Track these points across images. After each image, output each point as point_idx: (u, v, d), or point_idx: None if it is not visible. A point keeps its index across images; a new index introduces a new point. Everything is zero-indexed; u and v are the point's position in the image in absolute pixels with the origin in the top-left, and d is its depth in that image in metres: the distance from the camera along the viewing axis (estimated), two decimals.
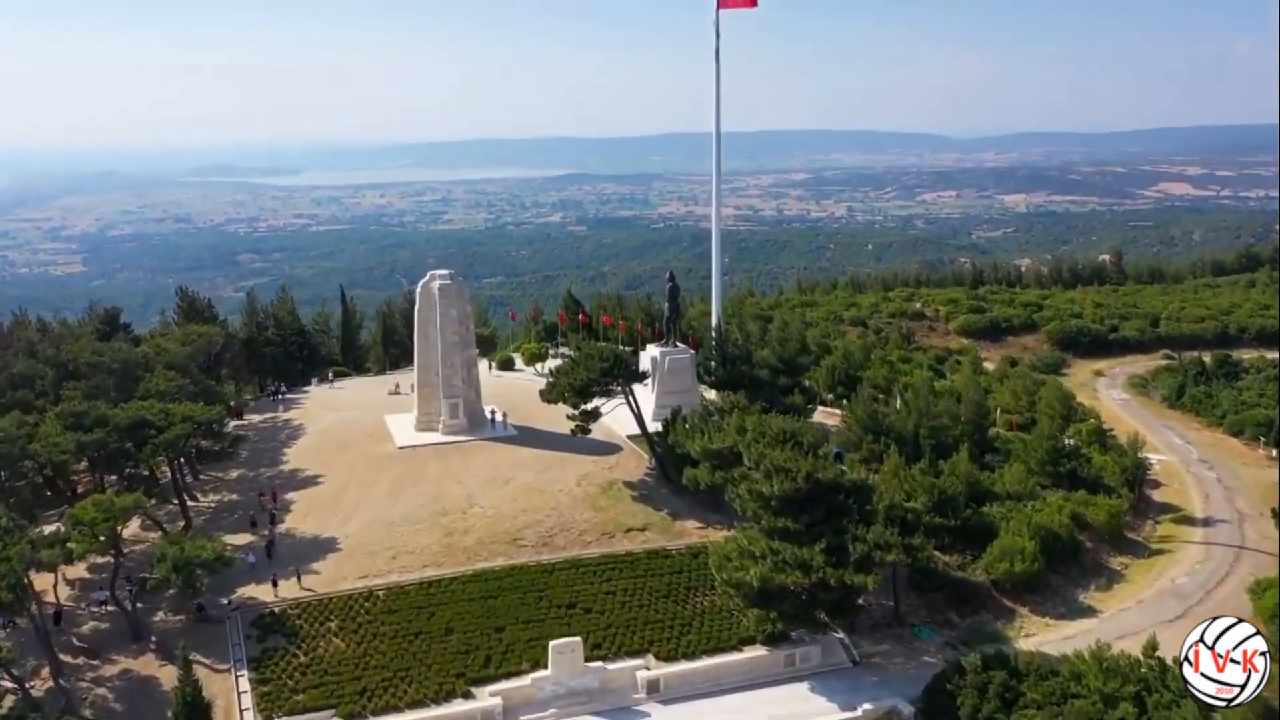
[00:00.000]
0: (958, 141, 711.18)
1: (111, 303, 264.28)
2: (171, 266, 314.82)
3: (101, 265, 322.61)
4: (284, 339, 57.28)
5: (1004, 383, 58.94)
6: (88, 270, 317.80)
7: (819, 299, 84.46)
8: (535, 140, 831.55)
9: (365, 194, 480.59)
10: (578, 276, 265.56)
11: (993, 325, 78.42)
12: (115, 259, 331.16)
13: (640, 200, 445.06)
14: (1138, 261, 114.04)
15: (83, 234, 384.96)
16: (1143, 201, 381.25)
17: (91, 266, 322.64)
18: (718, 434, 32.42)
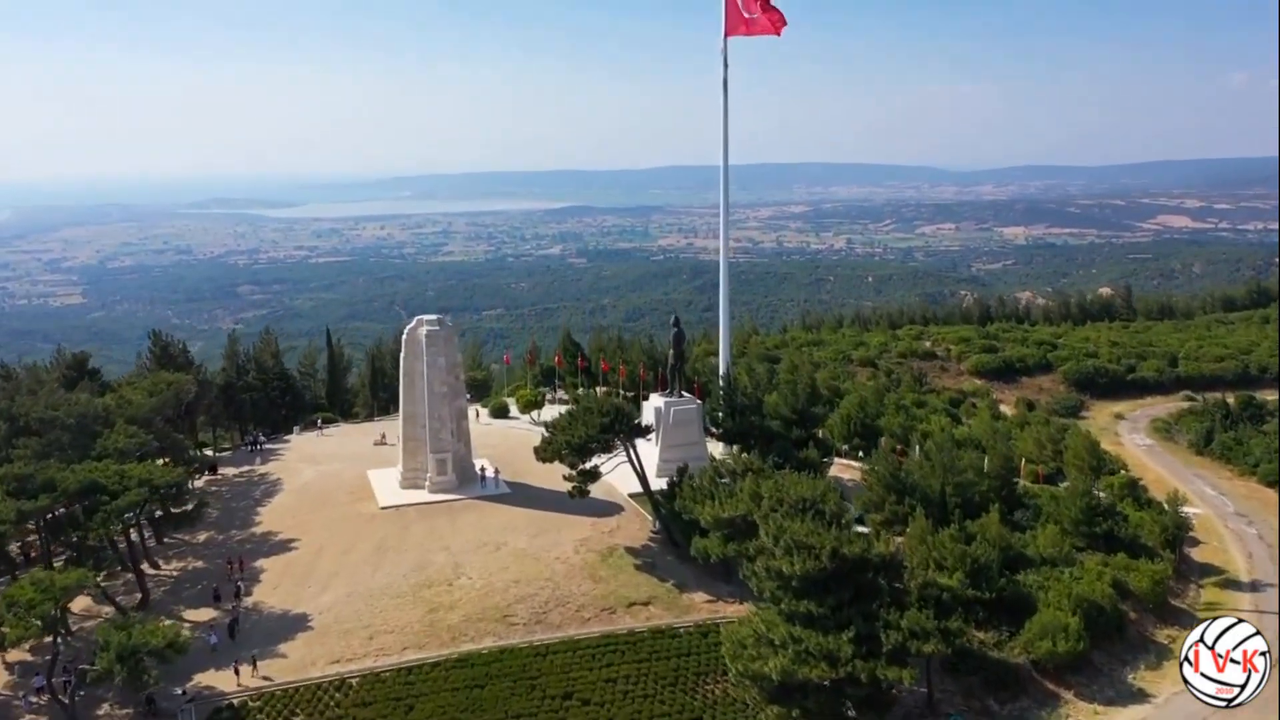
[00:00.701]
0: (956, 174, 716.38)
1: (110, 334, 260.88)
2: (171, 298, 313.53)
3: (101, 297, 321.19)
4: (265, 384, 53.74)
5: (1025, 429, 55.95)
6: (87, 302, 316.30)
7: (825, 337, 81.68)
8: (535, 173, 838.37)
9: (366, 226, 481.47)
10: (577, 309, 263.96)
11: (1006, 365, 75.98)
12: (115, 290, 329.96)
13: (640, 232, 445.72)
14: (1147, 297, 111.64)
15: (83, 265, 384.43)
16: (1142, 234, 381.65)
17: (91, 298, 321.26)
18: (729, 500, 29.38)
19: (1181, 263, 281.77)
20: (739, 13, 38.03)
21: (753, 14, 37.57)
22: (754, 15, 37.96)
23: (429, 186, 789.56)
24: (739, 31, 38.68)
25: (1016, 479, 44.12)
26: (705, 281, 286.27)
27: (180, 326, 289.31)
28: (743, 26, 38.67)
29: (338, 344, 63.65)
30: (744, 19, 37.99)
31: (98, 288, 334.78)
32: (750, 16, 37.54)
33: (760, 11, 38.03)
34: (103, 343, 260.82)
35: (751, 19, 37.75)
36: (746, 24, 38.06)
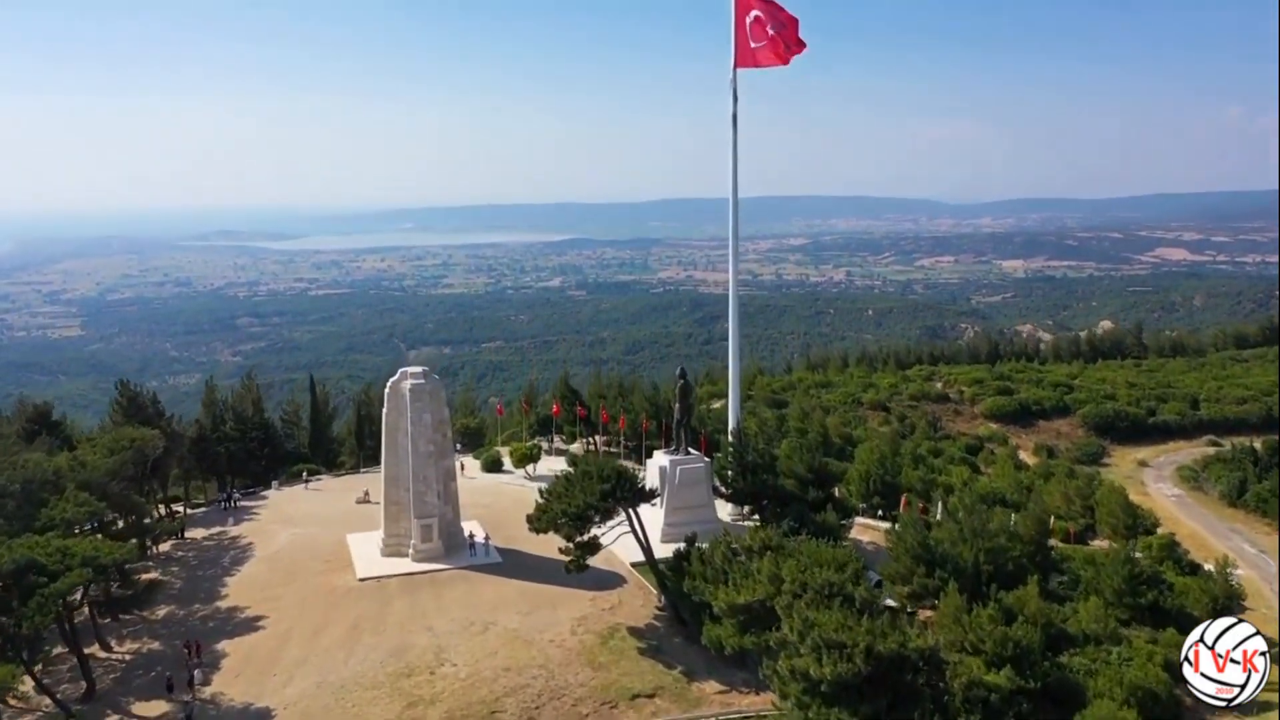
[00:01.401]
0: (954, 207, 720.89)
1: (108, 367, 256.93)
2: (170, 330, 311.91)
3: (100, 329, 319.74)
4: (244, 434, 50.51)
5: (1050, 481, 52.84)
6: (85, 334, 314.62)
7: (833, 378, 78.81)
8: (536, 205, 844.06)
9: (366, 258, 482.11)
10: (577, 342, 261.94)
11: (1023, 408, 73.40)
12: (114, 323, 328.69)
13: (640, 265, 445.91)
14: (1158, 333, 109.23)
15: (82, 297, 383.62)
16: (1140, 267, 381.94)
17: (90, 330, 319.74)
18: (745, 581, 26.20)
19: (1182, 295, 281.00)
20: (748, 44, 35.50)
21: (760, 42, 34.84)
22: (760, 44, 35.21)
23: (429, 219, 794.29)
24: (748, 64, 36.07)
25: (1050, 541, 40.84)
26: (705, 314, 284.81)
27: (178, 359, 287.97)
28: (751, 58, 36.10)
29: (323, 390, 60.25)
30: (752, 50, 35.46)
31: (97, 320, 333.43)
32: (757, 46, 34.90)
33: (765, 40, 35.33)
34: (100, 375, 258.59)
35: (759, 48, 35.15)
36: (755, 55, 35.57)
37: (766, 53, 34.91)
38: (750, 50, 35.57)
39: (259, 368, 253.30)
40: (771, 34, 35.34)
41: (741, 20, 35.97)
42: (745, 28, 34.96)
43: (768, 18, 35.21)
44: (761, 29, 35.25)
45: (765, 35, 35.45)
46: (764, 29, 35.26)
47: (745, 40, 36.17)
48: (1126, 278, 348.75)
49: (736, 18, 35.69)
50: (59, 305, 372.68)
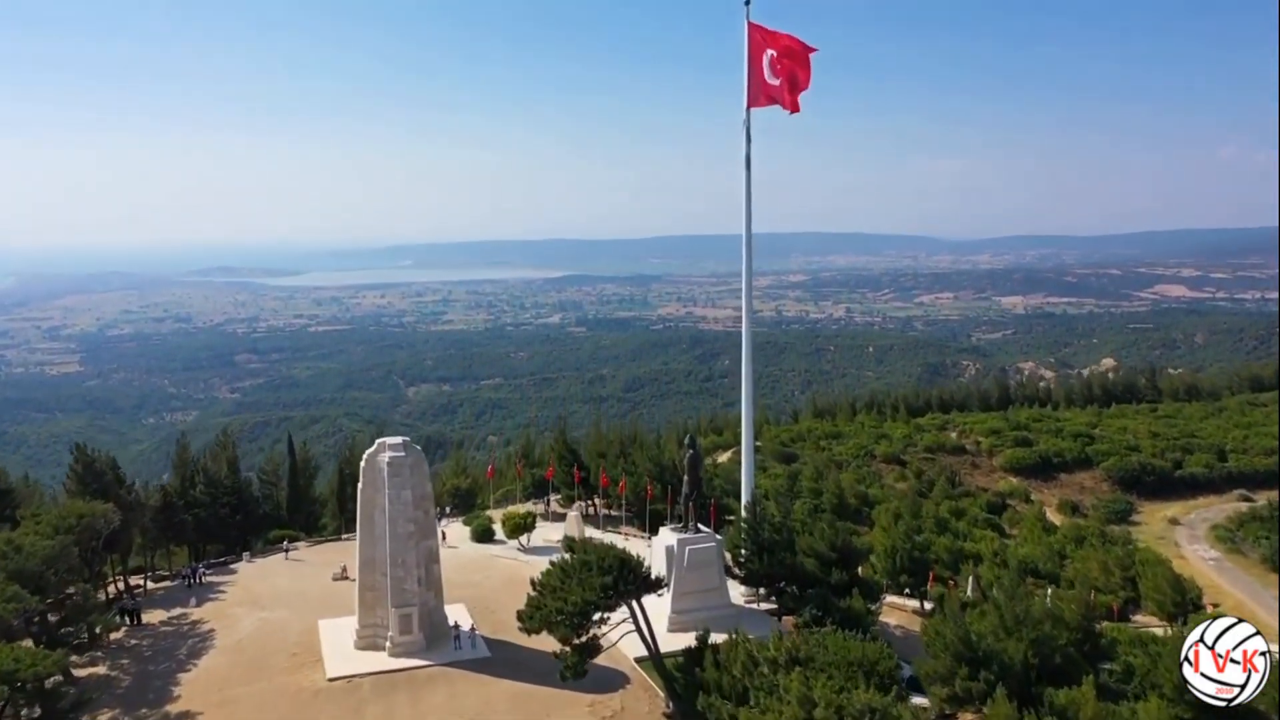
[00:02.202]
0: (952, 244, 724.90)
1: (105, 403, 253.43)
2: (168, 367, 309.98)
3: (98, 365, 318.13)
4: (215, 498, 46.64)
5: (1083, 546, 49.16)
6: (84, 370, 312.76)
7: (843, 428, 75.55)
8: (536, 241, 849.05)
9: (366, 294, 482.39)
10: (576, 379, 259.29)
11: (1043, 461, 70.11)
12: (113, 359, 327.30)
13: (640, 301, 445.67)
14: (1172, 377, 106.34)
15: (81, 333, 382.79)
16: (1139, 303, 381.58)
17: (88, 366, 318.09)
18: (770, 702, 22.65)
19: (1183, 333, 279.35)
20: (763, 81, 32.60)
21: (777, 80, 32.00)
22: (778, 82, 32.39)
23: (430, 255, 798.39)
24: (761, 103, 33.10)
25: (1097, 625, 37.08)
26: (705, 351, 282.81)
27: (176, 396, 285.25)
28: (763, 97, 33.03)
29: (303, 449, 56.63)
30: (768, 88, 32.55)
31: (95, 356, 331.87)
32: (774, 83, 32.08)
33: (784, 78, 32.31)
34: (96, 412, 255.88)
35: (776, 86, 32.32)
36: (771, 92, 32.63)
37: (783, 92, 32.38)
38: (769, 87, 32.67)
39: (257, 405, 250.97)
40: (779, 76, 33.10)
41: (757, 56, 33.27)
42: (761, 64, 32.25)
43: (786, 57, 32.51)
44: (780, 65, 32.53)
45: (783, 70, 32.76)
46: (783, 64, 32.54)
47: (760, 77, 33.37)
48: (1126, 314, 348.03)
49: (751, 53, 32.93)
50: (58, 341, 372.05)
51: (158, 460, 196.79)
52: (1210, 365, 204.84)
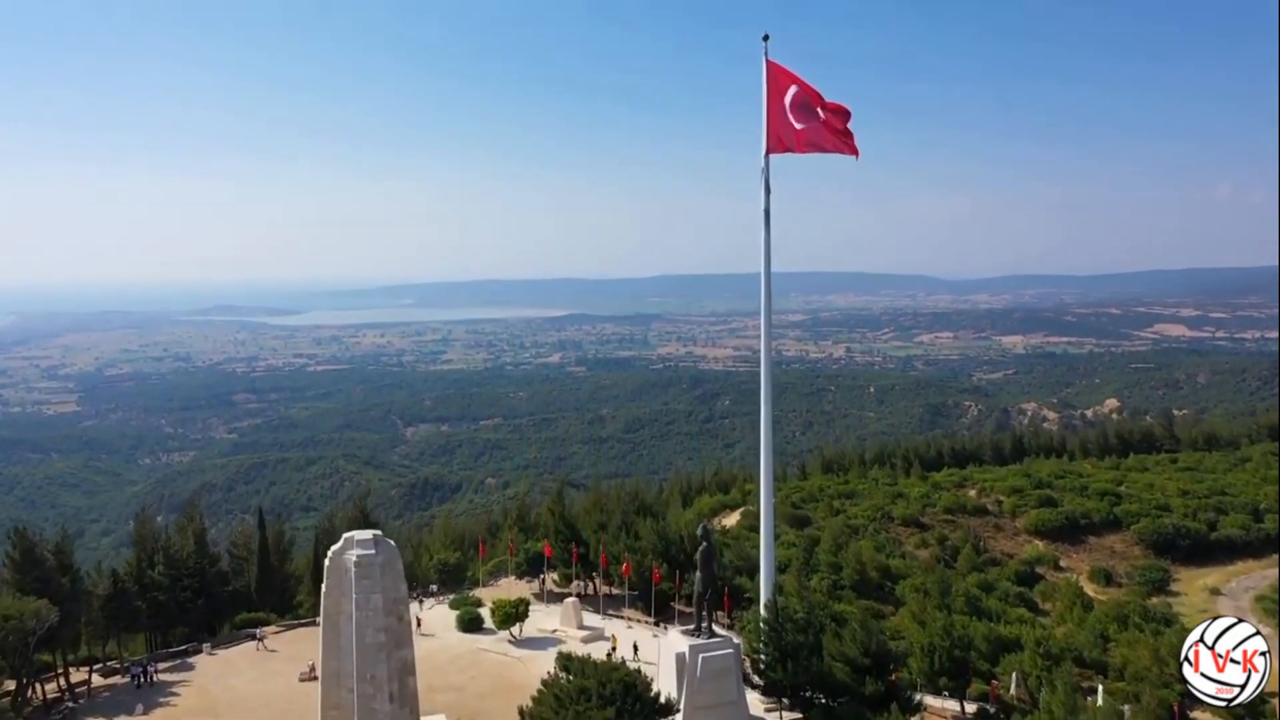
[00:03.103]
0: (952, 283, 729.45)
1: (101, 444, 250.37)
2: (166, 406, 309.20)
3: (96, 405, 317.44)
4: (175, 580, 41.79)
5: (1126, 627, 45.35)
6: (81, 410, 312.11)
7: (855, 485, 72.88)
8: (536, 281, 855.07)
9: (366, 333, 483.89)
10: (576, 419, 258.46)
11: (1070, 523, 65.42)
12: (110, 399, 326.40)
13: (639, 341, 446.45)
14: (1191, 425, 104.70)
15: (80, 373, 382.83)
16: (1140, 343, 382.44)
17: (86, 406, 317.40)
18: None
19: (1186, 373, 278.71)
20: (786, 123, 27.46)
21: (805, 122, 26.87)
22: (808, 124, 26.99)
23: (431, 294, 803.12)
24: (781, 148, 28.03)
25: None
26: (705, 391, 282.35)
27: (173, 436, 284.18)
28: (782, 144, 27.92)
29: (276, 524, 51.92)
30: (795, 131, 27.26)
31: (93, 395, 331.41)
32: (802, 127, 26.83)
33: (811, 121, 27.00)
34: (92, 452, 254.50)
35: (807, 128, 27.08)
36: (800, 136, 27.45)
37: (814, 135, 27.24)
38: (791, 130, 27.40)
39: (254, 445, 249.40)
40: (822, 116, 28.54)
41: (776, 98, 28.70)
42: (783, 106, 28.09)
43: (814, 98, 28.24)
44: (806, 107, 28.13)
45: (811, 116, 28.33)
46: (809, 108, 28.27)
47: (782, 118, 28.80)
48: (1128, 354, 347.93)
49: (769, 95, 27.76)
50: (56, 380, 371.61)
51: (152, 502, 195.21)
52: (1215, 406, 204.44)
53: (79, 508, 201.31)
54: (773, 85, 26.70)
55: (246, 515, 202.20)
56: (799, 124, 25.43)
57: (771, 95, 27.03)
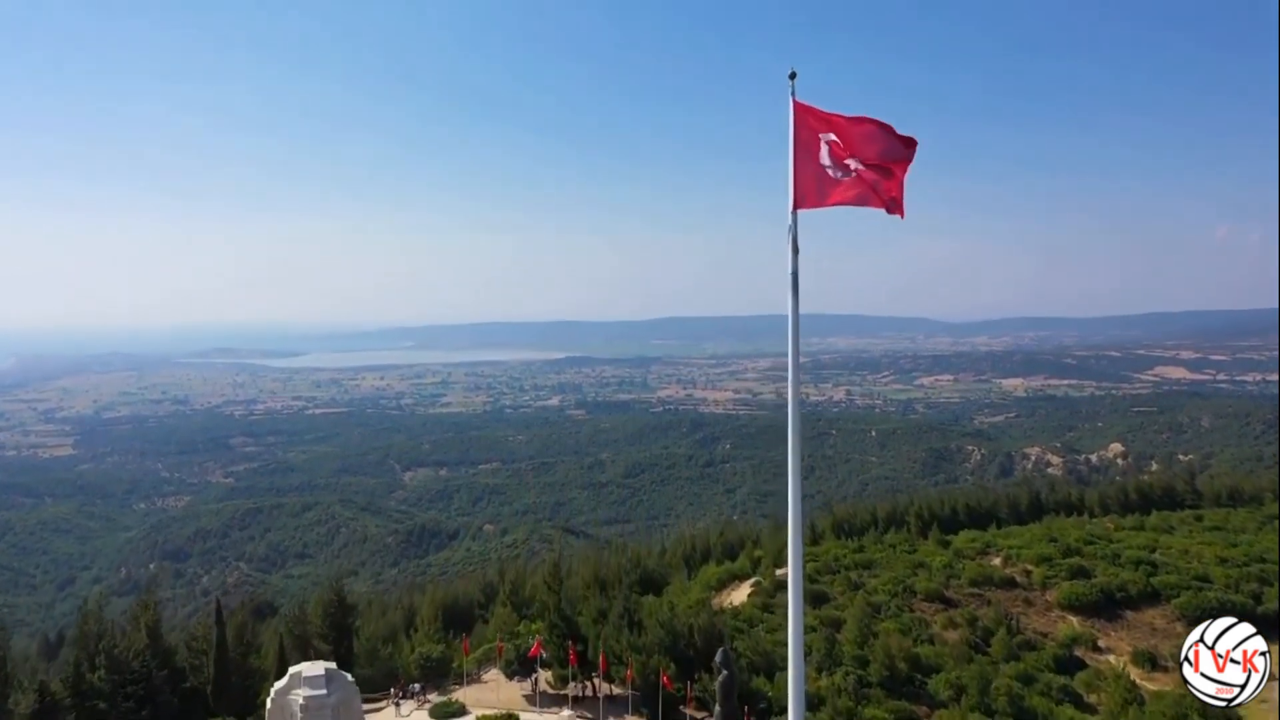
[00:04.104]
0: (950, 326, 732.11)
1: (96, 488, 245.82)
2: (163, 450, 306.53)
3: (92, 448, 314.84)
4: (118, 685, 36.67)
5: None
6: (77, 453, 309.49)
7: (873, 553, 68.36)
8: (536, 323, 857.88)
9: (365, 376, 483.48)
10: (575, 464, 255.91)
11: (1105, 596, 60.00)
12: (107, 442, 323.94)
13: (639, 383, 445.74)
14: (1213, 479, 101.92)
15: (77, 415, 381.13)
16: (1140, 385, 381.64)
17: (82, 449, 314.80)
18: None
19: (1189, 416, 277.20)
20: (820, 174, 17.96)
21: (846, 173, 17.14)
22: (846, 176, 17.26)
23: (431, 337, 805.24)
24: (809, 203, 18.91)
25: None
26: (705, 435, 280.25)
27: (169, 480, 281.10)
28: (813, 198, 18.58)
29: (240, 609, 47.59)
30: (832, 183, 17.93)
31: (90, 439, 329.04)
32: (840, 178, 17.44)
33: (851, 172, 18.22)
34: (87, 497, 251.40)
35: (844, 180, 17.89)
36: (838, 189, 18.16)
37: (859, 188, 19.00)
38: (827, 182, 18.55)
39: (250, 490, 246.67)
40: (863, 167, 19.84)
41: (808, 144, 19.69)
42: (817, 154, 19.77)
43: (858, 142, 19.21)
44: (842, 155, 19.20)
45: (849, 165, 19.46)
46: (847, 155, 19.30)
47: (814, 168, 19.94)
48: (1129, 397, 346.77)
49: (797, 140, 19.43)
50: (53, 423, 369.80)
51: (145, 550, 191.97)
52: (1221, 451, 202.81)
53: (71, 554, 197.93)
54: (802, 130, 18.64)
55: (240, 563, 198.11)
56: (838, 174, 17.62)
57: (800, 142, 19.24)
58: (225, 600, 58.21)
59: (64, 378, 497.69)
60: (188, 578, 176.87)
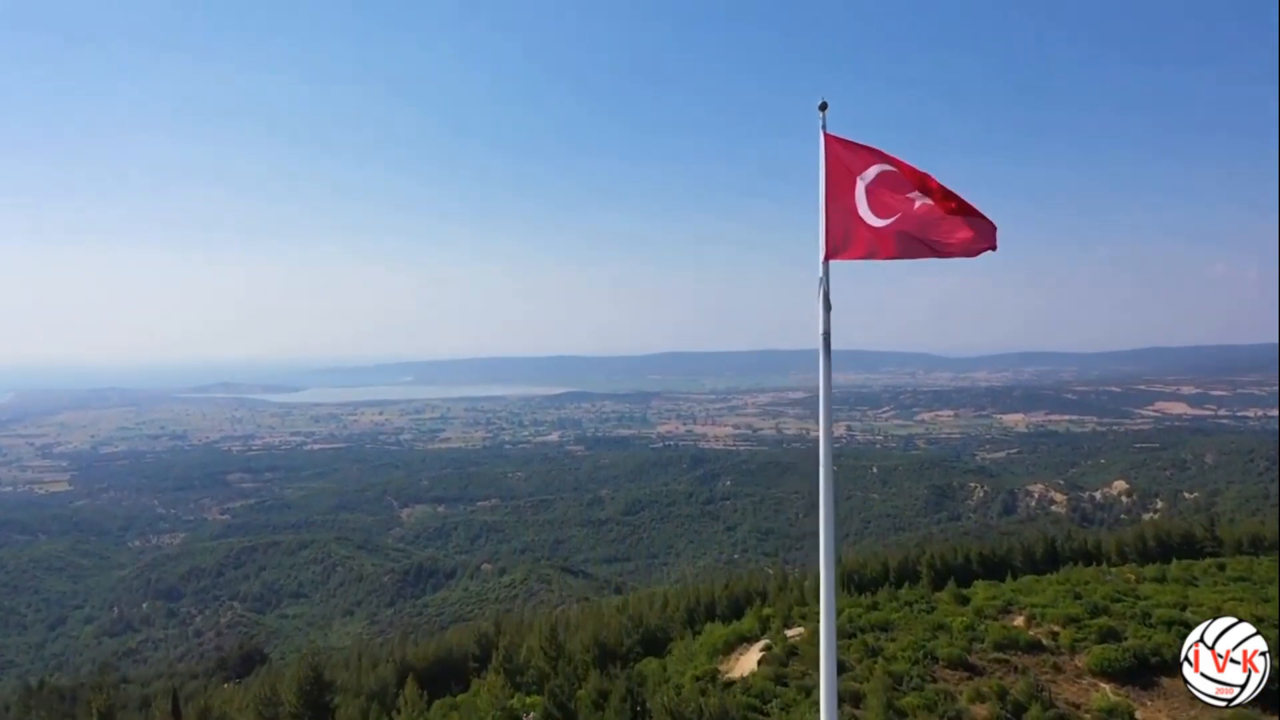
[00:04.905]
0: (950, 361, 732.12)
1: (90, 525, 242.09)
2: (159, 486, 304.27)
3: (89, 484, 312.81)
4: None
5: None
6: (73, 489, 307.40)
7: (888, 611, 64.57)
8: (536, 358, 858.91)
9: (364, 411, 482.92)
10: (575, 501, 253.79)
11: (1139, 661, 58.35)
12: (104, 477, 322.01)
13: (639, 419, 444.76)
14: (1233, 526, 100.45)
15: (75, 451, 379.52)
16: (1141, 421, 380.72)
17: (78, 485, 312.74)
18: None
19: (1192, 453, 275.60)
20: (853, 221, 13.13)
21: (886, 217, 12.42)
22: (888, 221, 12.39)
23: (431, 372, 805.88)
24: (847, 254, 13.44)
25: None
26: (706, 472, 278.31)
27: (164, 517, 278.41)
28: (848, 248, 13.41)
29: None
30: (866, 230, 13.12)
31: (86, 474, 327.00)
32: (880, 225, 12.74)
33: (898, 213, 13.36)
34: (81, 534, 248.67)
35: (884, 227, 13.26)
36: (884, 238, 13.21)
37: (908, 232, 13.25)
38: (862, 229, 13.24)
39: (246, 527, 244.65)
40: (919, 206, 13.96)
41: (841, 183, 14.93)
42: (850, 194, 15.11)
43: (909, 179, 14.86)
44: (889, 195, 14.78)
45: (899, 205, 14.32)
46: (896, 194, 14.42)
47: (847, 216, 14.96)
48: (1131, 433, 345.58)
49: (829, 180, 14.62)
50: (50, 459, 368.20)
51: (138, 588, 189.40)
52: (1226, 488, 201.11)
53: (63, 592, 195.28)
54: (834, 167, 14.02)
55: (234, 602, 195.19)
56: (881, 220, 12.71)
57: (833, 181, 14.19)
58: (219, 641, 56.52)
59: (63, 412, 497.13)
60: (180, 617, 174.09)
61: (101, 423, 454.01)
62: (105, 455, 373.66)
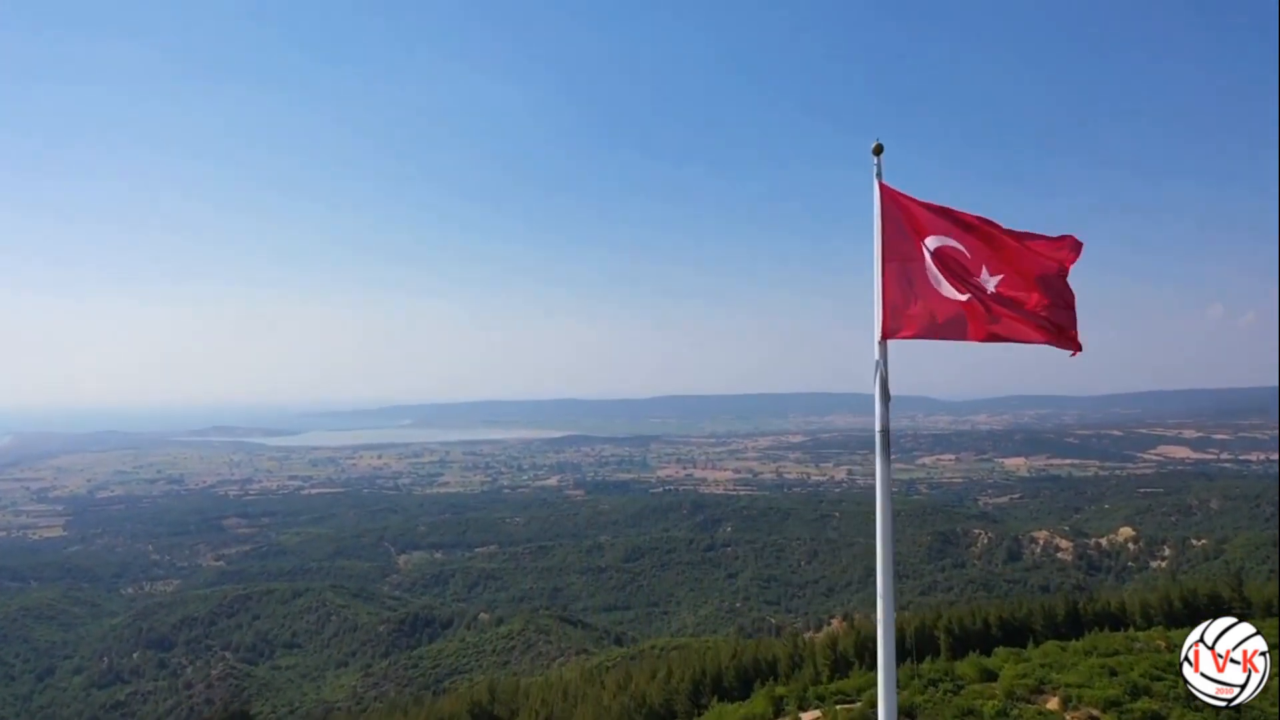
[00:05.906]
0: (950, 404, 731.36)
1: (83, 571, 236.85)
2: (154, 531, 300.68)
3: (83, 529, 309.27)
4: None
5: None
6: (68, 535, 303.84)
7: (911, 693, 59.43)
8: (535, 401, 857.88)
9: (363, 454, 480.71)
10: (574, 547, 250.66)
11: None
12: (98, 523, 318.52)
13: (639, 463, 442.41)
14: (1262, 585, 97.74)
15: (70, 495, 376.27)
16: (1144, 465, 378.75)
17: (72, 530, 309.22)
18: None
19: (1197, 498, 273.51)
20: (922, 291, 9.70)
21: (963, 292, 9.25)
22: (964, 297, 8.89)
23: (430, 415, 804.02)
24: (903, 331, 9.71)
25: None
26: (706, 518, 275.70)
27: (159, 563, 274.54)
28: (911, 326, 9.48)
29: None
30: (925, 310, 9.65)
31: (81, 519, 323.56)
32: (959, 298, 9.38)
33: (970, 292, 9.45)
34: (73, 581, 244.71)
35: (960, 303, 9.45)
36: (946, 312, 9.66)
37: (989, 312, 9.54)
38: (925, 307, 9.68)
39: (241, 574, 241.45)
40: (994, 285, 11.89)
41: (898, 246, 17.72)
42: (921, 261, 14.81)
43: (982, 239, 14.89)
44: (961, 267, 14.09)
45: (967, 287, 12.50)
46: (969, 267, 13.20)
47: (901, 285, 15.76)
48: (1135, 477, 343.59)
49: (885, 239, 9.79)
50: (45, 503, 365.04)
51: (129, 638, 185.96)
52: (1234, 535, 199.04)
53: (53, 642, 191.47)
54: (891, 225, 12.59)
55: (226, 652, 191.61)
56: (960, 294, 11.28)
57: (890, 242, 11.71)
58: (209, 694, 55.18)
59: (59, 456, 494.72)
60: (171, 668, 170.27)
61: (98, 466, 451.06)
62: (101, 500, 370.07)
